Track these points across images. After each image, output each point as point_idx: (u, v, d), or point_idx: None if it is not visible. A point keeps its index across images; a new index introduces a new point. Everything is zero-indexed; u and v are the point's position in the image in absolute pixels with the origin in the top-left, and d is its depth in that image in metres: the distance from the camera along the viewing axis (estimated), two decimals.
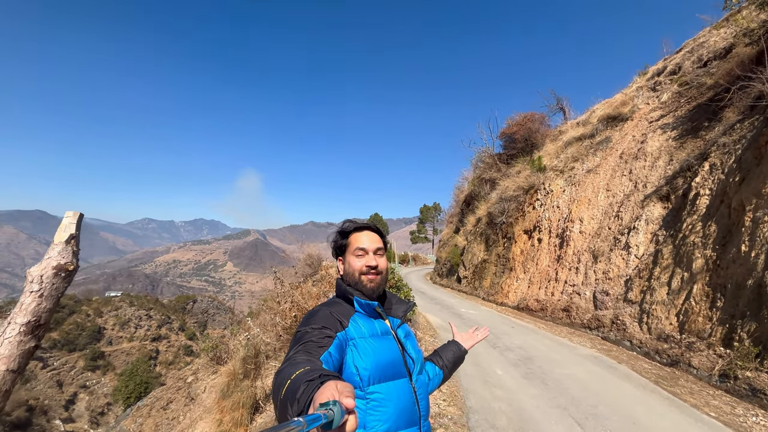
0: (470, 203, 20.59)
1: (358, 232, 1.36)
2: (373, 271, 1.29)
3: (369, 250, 1.31)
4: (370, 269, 1.29)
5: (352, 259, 1.31)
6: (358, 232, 1.36)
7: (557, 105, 17.47)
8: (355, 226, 1.37)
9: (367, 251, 1.31)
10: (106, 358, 53.94)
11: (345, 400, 0.62)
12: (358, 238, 1.34)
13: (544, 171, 13.61)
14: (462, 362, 1.65)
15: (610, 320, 8.15)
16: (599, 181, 10.95)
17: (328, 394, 0.64)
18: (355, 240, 1.34)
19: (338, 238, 1.38)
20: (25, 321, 1.04)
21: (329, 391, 0.64)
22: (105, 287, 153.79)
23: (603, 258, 9.38)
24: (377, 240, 1.35)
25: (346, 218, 1.43)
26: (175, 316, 71.51)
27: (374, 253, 1.31)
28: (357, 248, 1.31)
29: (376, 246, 1.33)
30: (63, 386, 45.87)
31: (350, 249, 1.33)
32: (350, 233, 1.36)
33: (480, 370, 5.84)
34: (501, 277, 14.08)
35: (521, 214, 14.05)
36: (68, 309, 59.16)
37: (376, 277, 1.30)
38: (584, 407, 4.42)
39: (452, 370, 1.61)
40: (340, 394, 0.63)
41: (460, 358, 1.62)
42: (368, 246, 1.31)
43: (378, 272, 1.30)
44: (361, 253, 1.30)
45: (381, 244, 1.36)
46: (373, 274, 1.29)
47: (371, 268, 1.29)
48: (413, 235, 50.04)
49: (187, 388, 13.82)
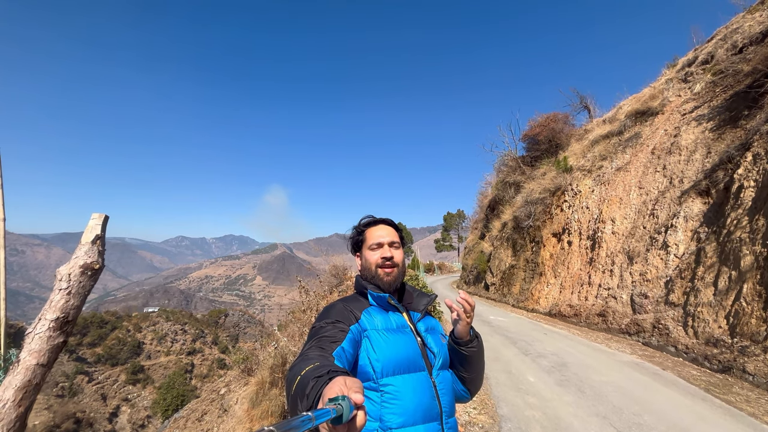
0: (495, 208, 20.18)
1: (373, 226, 1.36)
2: (388, 263, 1.28)
3: (384, 242, 1.31)
4: (385, 261, 1.28)
5: (368, 253, 1.32)
6: (373, 227, 1.36)
7: (581, 103, 16.94)
8: (370, 221, 1.38)
9: (382, 244, 1.31)
10: (145, 371, 56.09)
11: (354, 395, 0.62)
12: (373, 232, 1.34)
13: (571, 171, 13.17)
14: (466, 357, 1.25)
15: (651, 324, 7.67)
16: (630, 179, 10.47)
17: (336, 390, 0.64)
18: (371, 234, 1.34)
19: (354, 233, 1.39)
20: (54, 317, 1.08)
21: (338, 387, 0.65)
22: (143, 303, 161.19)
23: (639, 259, 8.89)
24: (392, 233, 1.35)
25: (366, 215, 1.43)
26: (208, 330, 73.66)
27: (389, 245, 1.31)
28: (372, 243, 1.31)
29: (391, 239, 1.32)
30: (107, 399, 47.97)
31: (366, 244, 1.34)
32: (365, 228, 1.37)
33: (512, 378, 5.62)
34: (530, 283, 13.61)
35: (549, 217, 13.61)
36: (111, 325, 62.25)
37: (393, 270, 1.29)
38: (627, 416, 4.14)
39: (466, 373, 1.28)
40: (349, 390, 0.64)
41: (453, 351, 1.27)
42: (383, 239, 1.31)
43: (394, 264, 1.29)
44: (376, 246, 1.31)
45: (396, 238, 1.35)
46: (389, 267, 1.28)
47: (387, 260, 1.28)
48: (438, 244, 49.52)
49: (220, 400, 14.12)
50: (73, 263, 1.14)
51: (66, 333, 1.11)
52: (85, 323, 60.48)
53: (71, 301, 1.12)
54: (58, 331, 1.08)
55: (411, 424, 1.06)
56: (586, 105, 16.72)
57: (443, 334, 1.37)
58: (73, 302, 1.13)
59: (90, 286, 1.20)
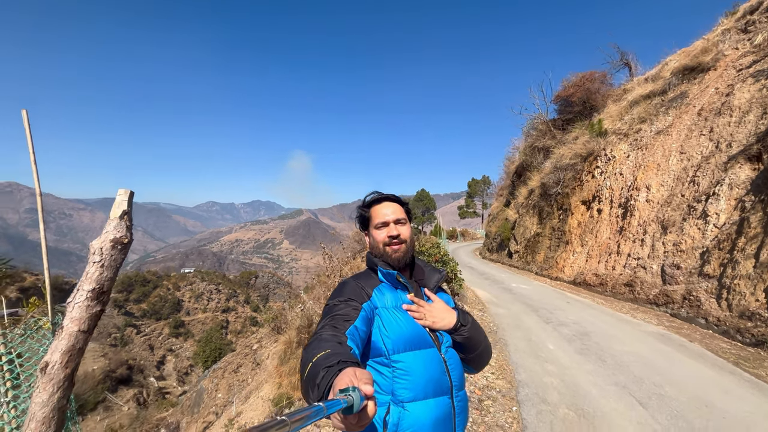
0: (521, 174, 19.52)
1: (378, 204, 1.36)
2: (395, 241, 1.29)
3: (390, 220, 1.31)
4: (392, 239, 1.29)
5: (374, 232, 1.33)
6: (378, 204, 1.36)
7: (621, 60, 15.52)
8: (374, 198, 1.38)
9: (387, 222, 1.31)
10: (185, 326, 60.96)
11: (364, 386, 0.64)
12: (378, 210, 1.34)
13: (605, 135, 12.38)
14: (455, 339, 1.25)
15: (682, 296, 7.44)
16: (671, 143, 9.75)
17: (347, 381, 0.66)
18: (376, 212, 1.34)
19: (360, 212, 1.40)
20: (91, 288, 1.15)
21: (348, 378, 0.67)
22: (180, 264, 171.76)
23: (674, 228, 8.47)
24: (398, 209, 1.34)
25: (372, 190, 1.41)
26: (240, 290, 78.27)
27: (395, 222, 1.31)
28: (378, 222, 1.32)
29: (397, 216, 1.32)
30: (154, 349, 52.88)
31: (372, 222, 1.34)
32: (371, 206, 1.37)
33: (531, 345, 5.68)
34: (556, 251, 13.36)
35: (578, 184, 13.05)
36: (152, 284, 67.27)
37: (401, 246, 1.29)
38: (647, 386, 4.14)
39: (464, 352, 1.27)
40: (359, 381, 0.65)
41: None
42: (389, 217, 1.31)
43: (401, 241, 1.30)
44: (382, 225, 1.31)
45: (402, 214, 1.35)
46: (396, 244, 1.29)
47: (393, 238, 1.29)
48: (461, 210, 48.99)
49: (253, 355, 15.22)
50: (104, 237, 1.20)
51: (102, 302, 1.19)
52: (129, 281, 65.60)
53: (105, 273, 1.19)
54: (95, 301, 1.16)
55: (422, 397, 1.10)
56: (627, 62, 15.32)
57: (455, 307, 1.37)
58: (107, 274, 1.20)
59: (121, 258, 1.27)
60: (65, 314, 1.13)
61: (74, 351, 1.11)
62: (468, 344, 1.26)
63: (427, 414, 1.09)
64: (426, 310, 1.23)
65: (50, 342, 1.33)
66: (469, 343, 1.26)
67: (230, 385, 13.97)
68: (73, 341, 1.12)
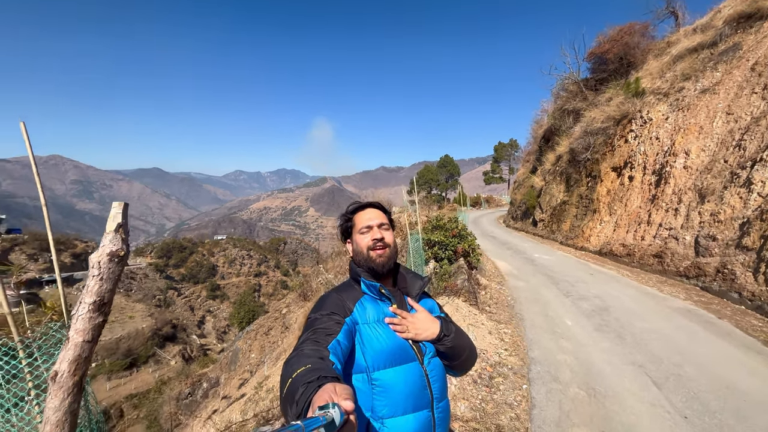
0: (549, 139, 18.54)
1: (361, 211, 1.37)
2: (380, 245, 1.29)
3: (374, 224, 1.31)
4: (376, 242, 1.28)
5: (358, 237, 1.32)
6: (361, 211, 1.36)
7: (666, 9, 13.84)
8: (357, 206, 1.38)
9: (371, 227, 1.31)
10: (221, 289, 65.02)
11: (344, 402, 0.62)
12: (362, 216, 1.34)
13: (642, 96, 11.40)
14: (444, 352, 1.25)
15: (715, 269, 7.08)
16: (717, 103, 8.87)
17: (326, 397, 0.65)
18: (359, 218, 1.35)
19: (343, 221, 1.39)
20: (92, 301, 1.22)
21: (327, 394, 0.66)
22: (213, 232, 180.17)
23: (713, 197, 7.92)
24: (380, 215, 1.35)
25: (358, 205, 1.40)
26: (270, 256, 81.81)
27: (378, 227, 1.31)
28: (362, 227, 1.32)
29: (380, 221, 1.32)
30: (194, 310, 57.13)
31: (356, 228, 1.34)
32: (353, 213, 1.37)
33: (548, 321, 5.66)
34: (582, 220, 12.91)
35: (610, 149, 12.28)
36: (188, 250, 71.30)
37: (385, 250, 1.29)
38: (666, 366, 4.06)
39: (446, 359, 1.27)
40: (339, 397, 0.64)
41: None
42: (373, 221, 1.31)
43: (385, 245, 1.29)
44: (366, 230, 1.31)
45: (385, 220, 1.35)
46: (380, 248, 1.28)
47: (378, 241, 1.28)
48: (487, 176, 47.72)
49: (282, 319, 16.10)
50: (101, 251, 1.25)
51: (104, 313, 1.26)
52: (168, 248, 69.85)
53: (104, 286, 1.25)
54: (96, 312, 1.23)
55: (400, 413, 1.11)
56: (673, 10, 13.66)
57: (439, 314, 1.36)
58: (106, 286, 1.26)
59: (119, 270, 1.32)
60: (70, 326, 1.20)
61: (80, 360, 1.20)
62: (451, 353, 1.25)
63: (406, 429, 1.11)
64: (408, 322, 1.22)
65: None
66: (452, 352, 1.25)
67: (262, 347, 14.97)
68: (79, 351, 1.21)
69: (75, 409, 1.20)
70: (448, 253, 7.06)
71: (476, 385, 3.72)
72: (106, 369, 24.68)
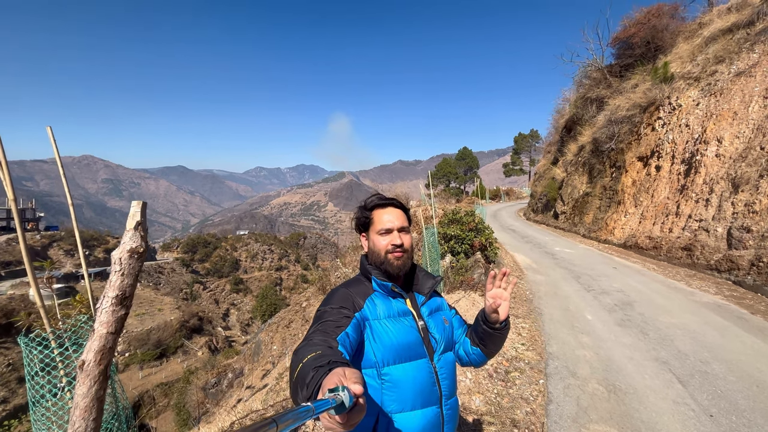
0: (571, 129, 17.96)
1: (381, 208, 1.31)
2: (399, 250, 1.26)
3: (394, 228, 1.27)
4: (396, 248, 1.26)
5: (376, 238, 1.29)
6: (381, 209, 1.31)
7: None
8: (378, 202, 1.32)
9: (391, 230, 1.27)
10: (244, 283, 66.77)
11: (352, 385, 0.64)
12: (382, 216, 1.29)
13: (671, 81, 10.85)
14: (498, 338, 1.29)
15: (749, 261, 6.74)
16: (753, 86, 8.35)
17: (335, 380, 0.66)
18: (378, 217, 1.30)
19: (361, 213, 1.35)
20: (114, 295, 1.29)
21: (337, 377, 0.67)
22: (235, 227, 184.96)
23: (748, 187, 7.50)
24: (401, 217, 1.30)
25: (374, 194, 1.38)
26: (291, 250, 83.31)
27: (399, 231, 1.28)
28: (381, 228, 1.28)
29: (401, 224, 1.28)
30: (219, 303, 59.01)
31: (374, 227, 1.30)
32: (373, 208, 1.32)
33: (567, 315, 5.55)
34: (606, 212, 12.50)
35: (635, 138, 11.79)
36: (213, 245, 73.50)
37: (403, 255, 1.27)
38: (691, 363, 3.92)
39: (491, 348, 1.32)
40: (348, 380, 0.65)
41: (487, 334, 1.28)
42: (393, 224, 1.27)
43: (404, 250, 1.27)
44: (385, 232, 1.27)
45: (405, 222, 1.31)
46: (399, 252, 1.26)
47: (397, 247, 1.26)
48: (507, 168, 46.80)
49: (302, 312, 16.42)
50: (122, 248, 1.32)
51: (126, 306, 1.34)
52: (193, 243, 72.18)
53: (125, 281, 1.32)
54: (119, 306, 1.31)
55: (409, 409, 1.13)
56: None
57: (449, 312, 1.37)
58: (127, 281, 1.33)
59: (138, 266, 1.39)
60: (95, 319, 1.29)
61: (105, 350, 1.28)
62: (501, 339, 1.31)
63: (414, 424, 1.12)
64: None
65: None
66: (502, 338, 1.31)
67: (283, 339, 15.33)
68: (104, 342, 1.29)
69: (101, 395, 1.29)
70: (465, 247, 7.00)
71: (492, 379, 3.71)
72: (138, 359, 25.91)
